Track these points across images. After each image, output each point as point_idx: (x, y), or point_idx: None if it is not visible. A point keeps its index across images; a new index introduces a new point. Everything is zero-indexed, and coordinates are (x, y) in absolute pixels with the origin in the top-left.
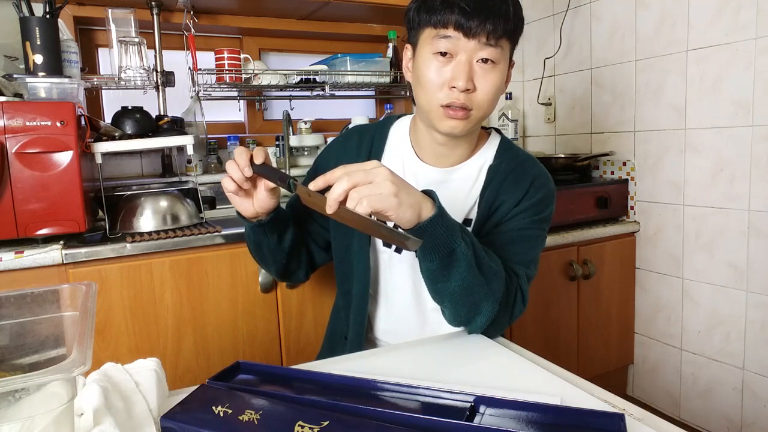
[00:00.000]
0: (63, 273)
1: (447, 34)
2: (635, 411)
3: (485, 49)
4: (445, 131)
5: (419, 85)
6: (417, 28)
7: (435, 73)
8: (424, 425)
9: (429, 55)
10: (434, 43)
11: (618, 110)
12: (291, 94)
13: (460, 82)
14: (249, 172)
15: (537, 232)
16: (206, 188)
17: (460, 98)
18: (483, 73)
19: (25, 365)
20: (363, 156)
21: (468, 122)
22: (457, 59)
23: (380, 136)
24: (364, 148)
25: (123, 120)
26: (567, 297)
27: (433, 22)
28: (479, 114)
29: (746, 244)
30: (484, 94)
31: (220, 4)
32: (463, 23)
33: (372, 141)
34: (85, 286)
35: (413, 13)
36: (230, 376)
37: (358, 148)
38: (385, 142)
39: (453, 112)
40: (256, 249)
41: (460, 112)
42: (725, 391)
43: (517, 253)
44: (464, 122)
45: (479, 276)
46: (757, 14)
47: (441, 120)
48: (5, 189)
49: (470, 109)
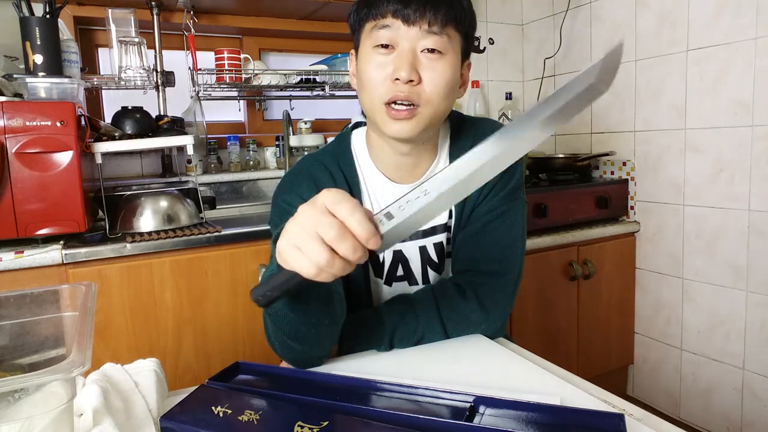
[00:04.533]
0: (63, 273)
1: (385, 23)
2: (635, 411)
3: (429, 37)
4: (392, 134)
5: (362, 84)
6: (358, 28)
7: (376, 68)
8: (423, 425)
9: (369, 49)
10: (374, 35)
11: (618, 110)
12: (291, 94)
13: (403, 72)
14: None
15: (511, 205)
16: (206, 188)
17: (403, 91)
18: (429, 63)
19: (24, 365)
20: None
21: (417, 122)
22: (398, 49)
23: (346, 161)
24: (339, 181)
25: (123, 120)
26: (567, 297)
27: (372, 15)
28: (429, 111)
29: (746, 244)
30: (432, 86)
31: (220, 4)
32: (400, 9)
33: (341, 170)
34: (85, 287)
35: (353, 13)
36: (230, 377)
37: (334, 182)
38: (355, 166)
39: (396, 111)
40: (320, 321)
41: (404, 111)
42: (725, 391)
43: (496, 244)
44: (412, 122)
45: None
46: (757, 14)
47: (386, 122)
48: (5, 189)
49: (417, 105)
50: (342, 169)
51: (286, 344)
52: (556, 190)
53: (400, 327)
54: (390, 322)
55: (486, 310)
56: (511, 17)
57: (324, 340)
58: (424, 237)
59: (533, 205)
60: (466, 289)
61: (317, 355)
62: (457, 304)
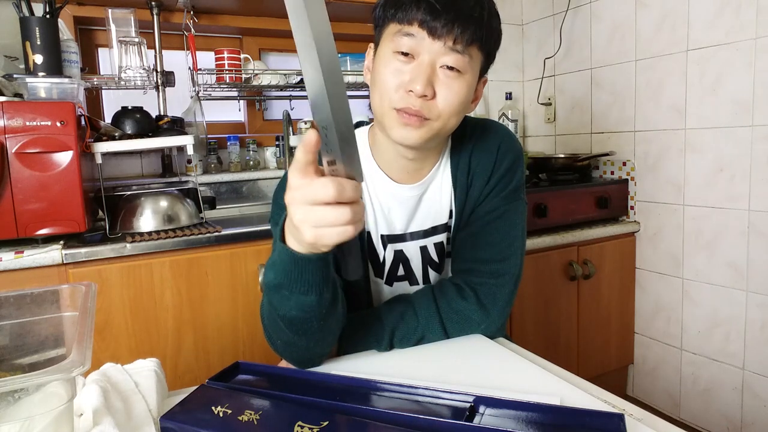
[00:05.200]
0: (63, 273)
1: (410, 31)
2: (635, 411)
3: (451, 54)
4: (398, 140)
5: (375, 85)
6: (382, 25)
7: (392, 74)
8: (423, 425)
9: (389, 53)
10: (396, 40)
11: (618, 110)
12: (291, 94)
13: (418, 85)
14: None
15: (511, 206)
16: (206, 188)
17: (415, 105)
18: (446, 80)
19: (24, 365)
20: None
21: (425, 131)
22: (418, 60)
23: None
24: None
25: (123, 120)
26: (567, 297)
27: (398, 18)
28: (438, 125)
29: (746, 244)
30: (445, 104)
31: (220, 4)
32: (428, 21)
33: None
34: (85, 287)
35: (379, 9)
36: (230, 377)
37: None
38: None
39: (407, 116)
40: (329, 313)
41: (414, 117)
42: (725, 391)
43: (496, 244)
44: (420, 131)
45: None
46: (757, 14)
47: (393, 126)
48: (5, 189)
49: (427, 118)
50: None
51: (291, 342)
52: (556, 190)
53: (400, 327)
54: (390, 322)
55: (486, 310)
56: (511, 17)
57: (327, 335)
58: (425, 237)
59: (533, 205)
60: (466, 289)
61: (319, 353)
62: (457, 304)
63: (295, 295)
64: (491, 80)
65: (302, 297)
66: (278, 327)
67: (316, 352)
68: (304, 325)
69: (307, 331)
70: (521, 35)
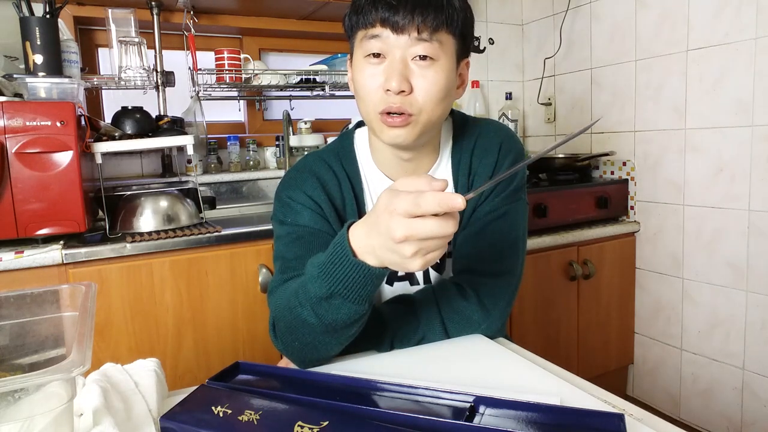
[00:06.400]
0: (63, 273)
1: (375, 33)
2: (635, 411)
3: (419, 44)
4: (388, 141)
5: (357, 93)
6: (351, 35)
7: (368, 78)
8: (423, 425)
9: (362, 59)
10: (364, 45)
11: (618, 110)
12: (291, 94)
13: (393, 82)
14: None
15: (512, 206)
16: (206, 188)
17: (396, 102)
18: (420, 71)
19: (24, 365)
20: (347, 192)
21: (412, 129)
22: (389, 59)
23: (349, 161)
24: (342, 179)
25: (123, 120)
26: (567, 297)
27: (361, 23)
28: (424, 118)
29: (746, 244)
30: (424, 94)
31: (220, 4)
32: (389, 18)
33: (344, 169)
34: (85, 287)
35: (346, 20)
36: (230, 377)
37: (339, 187)
38: (357, 166)
39: (391, 119)
40: (357, 322)
41: (398, 118)
42: (725, 391)
43: (497, 244)
44: (407, 129)
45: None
46: (757, 14)
47: (382, 130)
48: (5, 189)
49: (410, 114)
50: (345, 168)
51: (312, 343)
52: (556, 190)
53: (401, 327)
54: (390, 323)
55: (487, 310)
56: (511, 17)
57: (354, 335)
58: None
59: (533, 205)
60: (466, 289)
61: (335, 353)
62: (458, 304)
63: (348, 303)
64: (491, 80)
65: (355, 306)
66: (303, 331)
67: (334, 352)
68: (345, 330)
69: (343, 334)
70: (521, 35)
